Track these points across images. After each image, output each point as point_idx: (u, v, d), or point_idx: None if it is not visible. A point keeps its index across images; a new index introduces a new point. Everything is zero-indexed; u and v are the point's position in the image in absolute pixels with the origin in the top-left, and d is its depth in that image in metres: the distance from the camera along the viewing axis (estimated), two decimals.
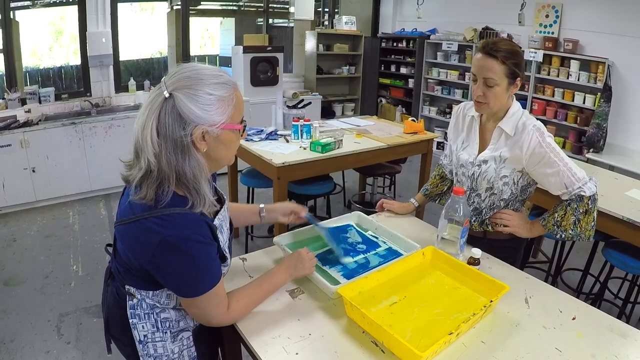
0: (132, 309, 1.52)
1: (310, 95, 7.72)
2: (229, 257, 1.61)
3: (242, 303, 1.59)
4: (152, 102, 1.31)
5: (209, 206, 1.41)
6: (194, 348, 1.64)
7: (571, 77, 6.16)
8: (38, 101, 5.81)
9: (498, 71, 1.93)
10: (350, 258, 1.99)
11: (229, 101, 1.37)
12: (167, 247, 1.30)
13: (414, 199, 2.62)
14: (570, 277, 4.21)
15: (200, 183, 1.36)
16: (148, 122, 1.29)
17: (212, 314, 1.49)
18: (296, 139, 4.23)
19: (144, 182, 1.32)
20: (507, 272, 2.02)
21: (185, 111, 1.29)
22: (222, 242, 1.52)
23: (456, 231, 1.98)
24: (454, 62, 7.82)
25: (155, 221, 1.30)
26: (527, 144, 1.96)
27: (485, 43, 1.96)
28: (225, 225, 1.61)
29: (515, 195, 2.14)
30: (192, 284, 1.39)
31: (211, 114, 1.33)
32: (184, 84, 1.31)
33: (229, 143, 1.44)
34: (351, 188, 6.33)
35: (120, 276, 1.52)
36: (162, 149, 1.29)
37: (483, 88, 1.98)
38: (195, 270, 1.37)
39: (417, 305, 1.67)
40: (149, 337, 1.54)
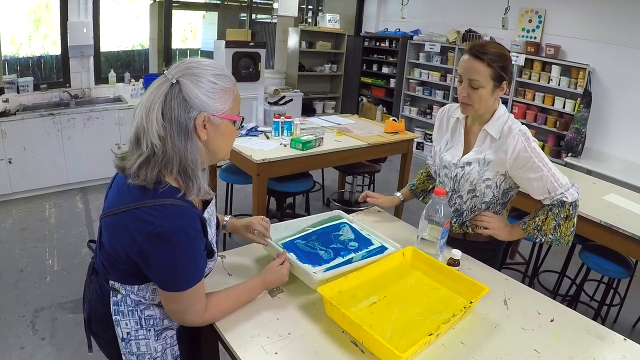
0: (116, 305, 1.49)
1: (291, 92, 7.72)
2: (217, 252, 1.60)
3: (219, 309, 1.58)
4: (158, 88, 1.34)
5: (203, 194, 1.44)
6: (177, 347, 1.62)
7: (552, 81, 6.21)
8: (16, 91, 5.69)
9: (484, 73, 1.93)
10: (341, 258, 1.96)
11: (230, 93, 1.42)
12: (157, 237, 1.29)
13: (399, 193, 2.62)
14: (546, 279, 4.24)
15: (197, 170, 1.39)
16: (153, 106, 1.31)
17: (189, 311, 1.47)
18: (277, 135, 4.21)
19: (145, 165, 1.32)
20: (486, 273, 2.03)
21: (191, 95, 1.33)
22: (211, 236, 1.53)
23: (436, 232, 1.98)
24: (436, 63, 7.83)
25: (147, 211, 1.31)
26: (512, 148, 1.97)
27: (473, 45, 1.96)
28: (213, 219, 1.61)
29: (497, 198, 2.15)
30: (177, 277, 1.37)
31: (215, 102, 1.37)
32: (189, 72, 1.35)
33: (228, 134, 1.47)
34: (330, 186, 6.32)
35: (104, 271, 1.50)
36: (168, 132, 1.31)
37: (468, 89, 1.98)
38: (183, 264, 1.36)
39: (397, 306, 1.66)
40: (132, 334, 1.51)
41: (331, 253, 1.99)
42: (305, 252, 1.98)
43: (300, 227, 2.21)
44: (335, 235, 2.15)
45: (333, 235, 2.14)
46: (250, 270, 1.93)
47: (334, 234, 2.15)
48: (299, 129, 4.22)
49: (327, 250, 2.00)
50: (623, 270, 3.01)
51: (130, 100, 6.27)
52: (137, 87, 6.52)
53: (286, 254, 1.83)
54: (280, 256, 1.82)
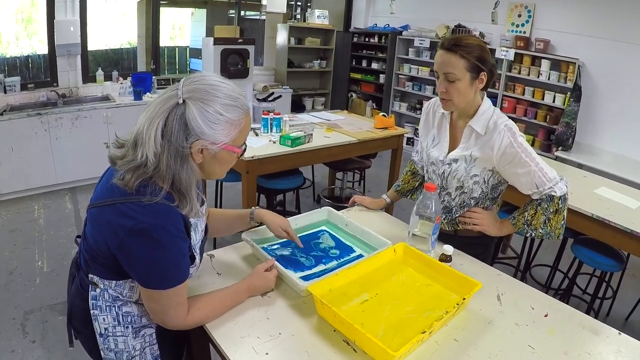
0: (94, 300, 1.48)
1: (280, 88, 7.69)
2: (199, 259, 1.58)
3: (202, 314, 1.54)
4: (165, 101, 1.33)
5: (194, 214, 1.43)
6: (157, 346, 1.60)
7: (542, 76, 6.21)
8: (3, 91, 5.64)
9: (458, 65, 1.90)
10: (323, 265, 1.93)
11: (236, 125, 1.39)
12: (138, 233, 1.29)
13: (385, 195, 2.60)
14: (539, 273, 4.24)
15: (191, 190, 1.39)
16: (156, 120, 1.31)
17: (170, 313, 1.44)
18: (266, 132, 4.18)
19: (133, 172, 1.32)
20: (478, 268, 2.01)
21: (192, 123, 1.31)
22: (194, 241, 1.51)
23: (427, 227, 1.95)
24: (425, 58, 7.82)
25: (131, 206, 1.30)
26: (499, 144, 1.94)
27: (445, 39, 1.94)
28: (200, 225, 1.58)
29: (485, 193, 2.13)
30: (157, 274, 1.36)
31: (215, 133, 1.35)
32: (199, 95, 1.32)
33: (224, 162, 1.47)
34: (320, 183, 6.30)
35: (85, 264, 1.49)
36: (165, 151, 1.31)
37: (445, 84, 1.95)
38: (163, 261, 1.34)
39: (389, 303, 1.64)
40: (109, 330, 1.50)
41: (312, 260, 1.96)
42: (285, 257, 1.96)
43: None
44: (315, 243, 2.12)
45: (313, 244, 2.11)
46: (240, 271, 1.90)
47: (314, 242, 2.12)
48: (288, 126, 4.19)
49: (307, 258, 1.98)
50: (615, 264, 3.00)
51: (118, 98, 6.22)
52: (125, 85, 6.46)
53: (274, 261, 1.79)
54: (267, 262, 1.79)
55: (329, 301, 1.53)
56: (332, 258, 1.99)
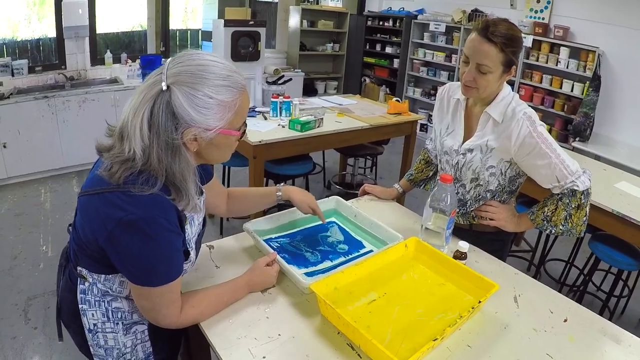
0: (83, 294, 1.40)
1: (292, 72, 7.55)
2: (194, 254, 1.48)
3: (197, 311, 1.44)
4: (150, 87, 1.22)
5: (192, 208, 1.33)
6: (149, 343, 1.53)
7: (560, 64, 6.03)
8: (11, 74, 5.55)
9: (495, 59, 1.75)
10: (329, 262, 1.82)
11: (230, 106, 1.26)
12: (127, 226, 1.19)
13: (397, 185, 2.48)
14: (553, 267, 4.11)
15: (187, 183, 1.28)
16: (141, 109, 1.20)
17: (162, 312, 1.35)
18: (275, 116, 4.07)
19: (120, 165, 1.21)
20: (495, 266, 1.89)
21: (180, 110, 1.20)
22: (190, 235, 1.42)
23: (442, 221, 1.83)
24: (440, 43, 7.64)
25: (120, 196, 1.20)
26: (517, 133, 1.80)
27: (485, 24, 1.75)
28: (197, 218, 1.48)
29: (502, 186, 1.99)
30: (147, 271, 1.26)
31: (207, 118, 1.23)
32: (185, 79, 1.20)
33: (223, 147, 1.35)
34: (331, 168, 6.18)
35: (74, 256, 1.40)
36: (154, 145, 1.20)
37: (475, 73, 1.79)
38: (154, 257, 1.25)
39: (398, 304, 1.53)
40: (99, 326, 1.43)
41: (318, 256, 1.85)
42: (289, 251, 1.85)
43: (285, 220, 2.05)
44: (322, 236, 2.00)
45: (320, 237, 1.99)
46: (241, 264, 1.78)
47: (322, 235, 2.01)
48: (298, 110, 4.07)
49: (313, 253, 1.87)
50: (634, 262, 2.88)
51: (127, 81, 6.13)
52: (133, 67, 6.37)
53: (276, 256, 1.69)
54: (269, 255, 1.68)
55: (334, 300, 1.43)
56: (340, 254, 1.88)
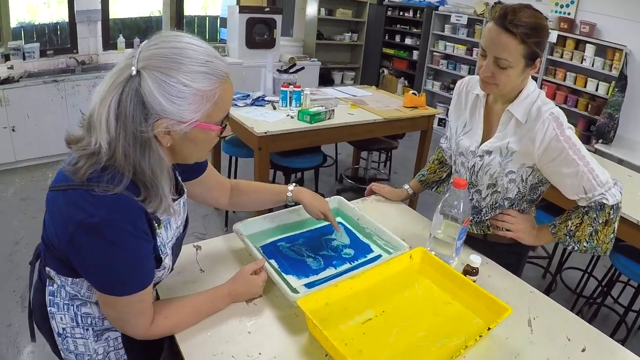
0: (51, 296, 1.28)
1: (308, 61, 7.40)
2: (169, 260, 1.32)
3: (171, 323, 1.30)
4: (119, 72, 1.07)
5: (164, 210, 1.17)
6: (123, 351, 1.38)
7: (585, 61, 5.79)
8: (22, 57, 5.48)
9: (514, 52, 1.53)
10: (333, 269, 1.65)
11: (208, 97, 1.10)
12: (88, 229, 1.05)
13: (408, 185, 2.29)
14: (570, 276, 3.89)
15: (159, 182, 1.12)
16: (108, 97, 1.05)
17: (130, 323, 1.22)
18: (284, 106, 3.90)
19: (85, 159, 1.08)
20: (509, 283, 1.70)
21: (150, 99, 1.04)
22: (164, 240, 1.26)
23: (453, 230, 1.65)
24: (462, 36, 7.42)
25: (84, 195, 1.05)
26: (541, 136, 1.60)
27: (504, 12, 1.53)
28: (175, 221, 1.33)
29: (522, 194, 1.80)
30: (111, 279, 1.13)
31: (181, 109, 1.07)
32: (157, 63, 1.05)
33: (201, 143, 1.19)
34: (344, 161, 6.00)
35: (44, 255, 1.27)
36: (120, 137, 1.05)
37: (493, 68, 1.59)
38: (117, 264, 1.11)
39: (397, 325, 1.35)
40: (68, 331, 1.30)
41: (321, 262, 1.68)
42: (289, 258, 1.69)
43: (283, 222, 1.88)
44: (326, 239, 1.83)
45: (324, 240, 1.82)
46: (228, 268, 1.62)
47: (326, 238, 1.84)
48: (309, 100, 3.91)
49: (316, 258, 1.70)
50: None
51: None
52: None
53: (264, 263, 1.52)
54: (256, 263, 1.52)
55: (324, 318, 1.27)
56: (345, 259, 1.71)
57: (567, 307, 2.79)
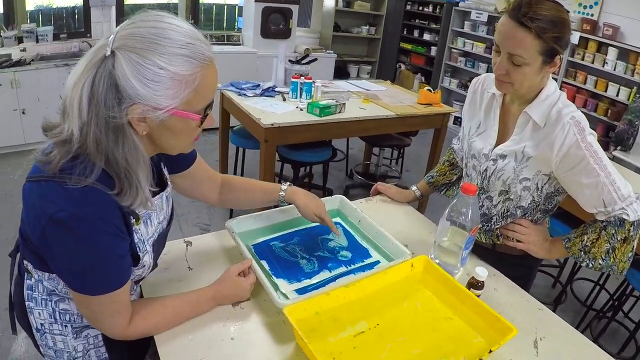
0: (29, 290, 1.24)
1: (324, 52, 7.26)
2: (149, 258, 1.23)
3: (150, 324, 1.22)
4: (95, 53, 0.99)
5: (140, 202, 1.07)
6: (104, 349, 1.32)
7: (607, 65, 5.64)
8: (35, 40, 5.43)
9: (530, 48, 1.41)
10: (327, 272, 1.55)
11: (187, 82, 1.00)
12: (58, 224, 0.97)
13: (416, 187, 2.17)
14: (580, 286, 3.76)
15: (134, 172, 1.03)
16: (82, 79, 0.97)
17: (105, 322, 1.14)
18: (294, 97, 3.80)
19: (60, 147, 1.01)
20: (516, 298, 1.58)
21: (123, 82, 0.95)
22: (144, 236, 1.18)
23: (459, 238, 1.54)
24: (481, 33, 7.28)
25: (55, 187, 0.98)
26: (560, 142, 1.47)
27: (518, 4, 1.41)
28: (157, 216, 1.25)
29: (536, 203, 1.68)
30: (82, 277, 1.05)
31: (156, 94, 0.98)
32: (133, 43, 0.96)
33: (179, 133, 1.09)
34: (355, 156, 5.91)
35: (22, 247, 1.20)
36: (92, 123, 0.97)
37: (507, 65, 1.47)
38: (88, 262, 1.03)
39: (392, 340, 1.25)
40: (46, 327, 1.25)
41: (315, 264, 1.57)
42: (281, 259, 1.58)
43: (278, 220, 1.77)
44: (323, 239, 1.72)
45: (321, 240, 1.72)
46: (218, 267, 1.52)
47: (322, 238, 1.73)
48: (320, 92, 3.80)
49: (310, 260, 1.59)
50: None
51: None
52: None
53: (252, 263, 1.43)
54: (243, 263, 1.42)
55: (313, 328, 1.18)
56: (341, 262, 1.60)
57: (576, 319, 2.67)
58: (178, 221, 3.97)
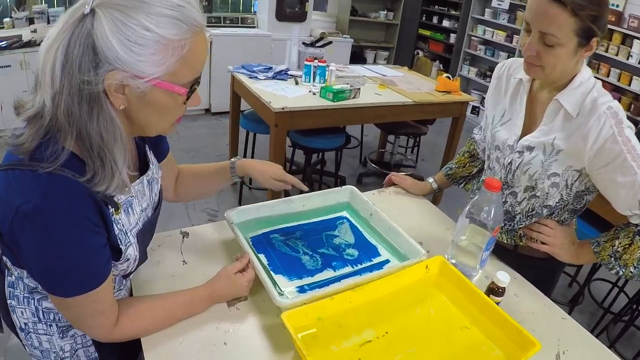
0: (11, 287, 1.15)
1: (340, 37, 7.10)
2: (134, 250, 1.10)
3: (139, 326, 1.11)
4: (72, 13, 0.87)
5: (116, 187, 0.94)
6: (93, 348, 1.23)
7: (632, 58, 5.43)
8: (46, 21, 5.33)
9: (565, 26, 1.26)
10: (332, 271, 1.42)
11: (175, 48, 0.88)
12: (24, 217, 0.87)
13: (432, 179, 2.03)
14: (598, 287, 3.61)
15: (110, 151, 0.91)
16: (56, 42, 0.85)
17: (87, 324, 1.04)
18: (307, 81, 3.67)
19: (30, 123, 0.90)
20: (538, 306, 1.45)
21: (102, 43, 0.83)
22: (125, 227, 1.06)
23: (480, 238, 1.41)
24: (502, 21, 7.06)
25: (23, 175, 0.88)
26: (595, 134, 1.33)
27: None
28: (140, 203, 1.13)
29: (565, 202, 1.53)
30: (53, 276, 0.94)
31: (139, 59, 0.86)
32: (117, 1, 0.84)
33: (162, 109, 0.97)
34: (370, 144, 5.77)
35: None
36: (64, 91, 0.85)
37: (538, 46, 1.32)
38: (57, 259, 0.92)
39: (401, 351, 1.13)
40: (30, 326, 1.16)
41: (318, 261, 1.45)
42: (281, 254, 1.46)
43: (281, 211, 1.64)
44: (328, 235, 1.59)
45: (325, 236, 1.59)
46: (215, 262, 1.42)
47: (327, 234, 1.60)
48: (334, 76, 3.66)
49: (313, 257, 1.47)
50: None
51: None
52: None
53: (250, 257, 1.31)
54: (241, 260, 1.30)
55: (314, 336, 1.06)
56: (347, 261, 1.47)
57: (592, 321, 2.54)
58: (185, 207, 3.87)
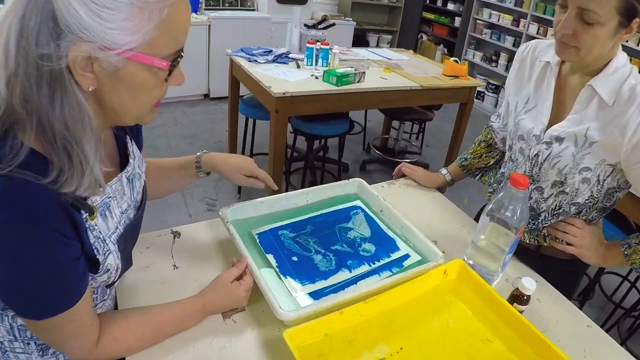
0: None
1: (342, 20, 6.95)
2: (115, 259, 0.96)
3: (123, 346, 0.98)
4: None
5: (88, 186, 0.78)
6: None
7: None
8: None
9: (606, 3, 1.13)
10: (347, 272, 1.27)
11: (152, 13, 0.73)
12: None
13: (445, 170, 1.88)
14: (608, 281, 3.49)
15: (78, 143, 0.75)
16: (10, 13, 0.69)
17: (66, 346, 0.91)
18: (309, 65, 3.52)
19: None
20: (562, 312, 1.32)
21: (63, 9, 0.68)
22: (103, 233, 0.92)
23: (502, 239, 1.27)
24: (509, 4, 6.90)
25: None
26: (635, 125, 1.20)
27: None
28: (119, 205, 0.98)
29: (595, 200, 1.40)
30: (21, 297, 0.81)
31: (109, 27, 0.70)
32: None
33: (139, 87, 0.80)
34: (374, 129, 5.63)
35: None
36: (20, 71, 0.70)
37: (576, 24, 1.19)
38: (22, 279, 0.78)
39: None
40: (6, 345, 1.02)
41: (332, 261, 1.30)
42: (291, 253, 1.31)
43: (282, 207, 1.50)
44: (341, 228, 1.44)
45: (339, 229, 1.44)
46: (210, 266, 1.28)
47: (340, 227, 1.45)
48: (337, 60, 3.51)
49: (326, 255, 1.32)
50: None
51: None
52: None
53: (247, 262, 1.17)
54: (238, 265, 1.16)
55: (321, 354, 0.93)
56: (363, 260, 1.33)
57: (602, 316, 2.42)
58: (183, 196, 3.74)
